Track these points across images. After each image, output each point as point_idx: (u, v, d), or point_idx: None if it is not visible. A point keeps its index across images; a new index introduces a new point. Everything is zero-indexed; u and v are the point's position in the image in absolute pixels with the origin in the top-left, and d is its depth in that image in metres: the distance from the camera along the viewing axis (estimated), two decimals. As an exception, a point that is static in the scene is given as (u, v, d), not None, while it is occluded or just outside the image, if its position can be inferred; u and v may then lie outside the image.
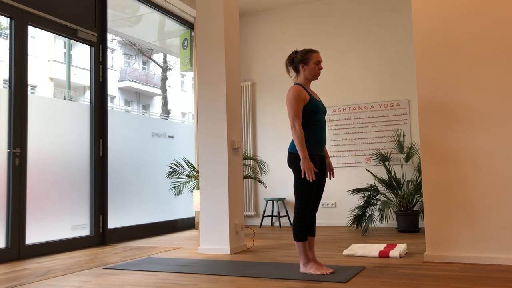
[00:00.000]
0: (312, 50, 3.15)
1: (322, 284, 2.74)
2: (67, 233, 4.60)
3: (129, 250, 4.43)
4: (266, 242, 4.80)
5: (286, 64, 3.24)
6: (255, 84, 6.93)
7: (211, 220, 4.18)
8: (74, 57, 14.26)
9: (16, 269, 3.54)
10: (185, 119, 17.69)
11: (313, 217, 3.18)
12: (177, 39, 7.07)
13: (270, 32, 6.89)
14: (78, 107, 5.08)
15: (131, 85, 18.05)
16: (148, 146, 5.90)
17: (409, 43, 5.99)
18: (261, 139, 6.82)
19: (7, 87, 4.14)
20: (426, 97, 3.54)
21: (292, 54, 3.21)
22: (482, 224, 3.31)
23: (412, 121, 5.91)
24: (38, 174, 4.35)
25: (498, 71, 3.35)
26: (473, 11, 3.44)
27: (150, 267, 3.45)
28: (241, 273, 3.12)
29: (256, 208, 6.77)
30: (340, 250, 4.04)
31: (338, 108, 6.32)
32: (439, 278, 2.81)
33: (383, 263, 3.37)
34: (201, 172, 4.27)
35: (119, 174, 5.34)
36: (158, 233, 5.85)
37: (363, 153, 6.13)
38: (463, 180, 3.38)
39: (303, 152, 2.93)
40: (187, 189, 5.51)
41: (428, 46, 3.56)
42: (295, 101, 3.00)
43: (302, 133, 2.97)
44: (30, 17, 4.34)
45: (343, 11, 6.41)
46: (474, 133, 3.38)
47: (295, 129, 2.98)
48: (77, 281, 3.05)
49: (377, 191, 5.35)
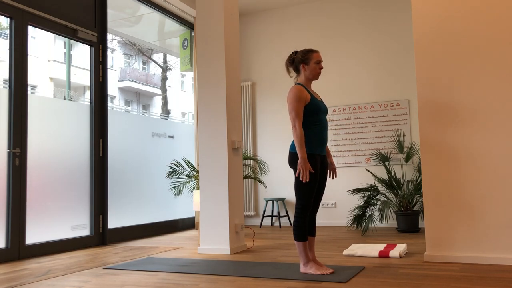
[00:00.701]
0: (312, 50, 3.15)
1: (322, 284, 2.74)
2: (67, 233, 4.60)
3: (129, 250, 4.43)
4: (266, 242, 4.80)
5: (286, 64, 3.24)
6: (255, 84, 6.93)
7: (211, 220, 4.18)
8: (74, 57, 14.27)
9: (16, 269, 3.54)
10: (185, 119, 17.70)
11: (313, 217, 3.18)
12: (177, 39, 7.07)
13: (270, 32, 6.89)
14: (78, 107, 5.09)
15: (131, 85, 18.05)
16: (148, 146, 5.90)
17: (409, 43, 5.99)
18: (261, 139, 6.82)
19: (7, 87, 4.14)
20: (426, 97, 3.54)
21: (292, 54, 3.21)
22: (482, 224, 3.31)
23: (412, 121, 5.91)
24: (38, 174, 4.35)
25: (498, 70, 3.35)
26: (472, 11, 3.44)
27: (150, 267, 3.45)
28: (241, 273, 3.12)
29: (256, 208, 6.77)
30: (340, 250, 4.04)
31: (338, 108, 6.32)
32: (439, 278, 2.81)
33: (383, 263, 3.37)
34: (201, 172, 4.27)
35: (119, 174, 5.34)
36: (158, 233, 5.85)
37: (363, 153, 6.14)
38: (463, 180, 3.38)
39: (301, 153, 2.93)
40: (187, 189, 5.51)
41: (428, 46, 3.56)
42: (296, 101, 3.01)
43: (302, 133, 2.97)
44: (30, 17, 4.34)
45: (343, 11, 6.41)
46: (474, 133, 3.38)
47: (295, 129, 2.98)
48: (77, 281, 3.05)
49: (377, 191, 5.35)
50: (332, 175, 3.29)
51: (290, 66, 3.23)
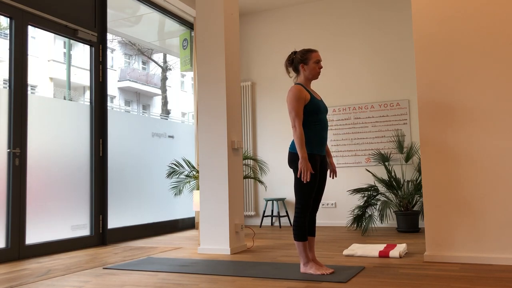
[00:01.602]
0: (311, 49, 3.15)
1: (322, 284, 2.74)
2: (67, 233, 4.60)
3: (129, 250, 4.43)
4: (266, 242, 4.80)
5: (285, 65, 3.24)
6: (255, 84, 6.93)
7: (211, 220, 4.18)
8: (74, 57, 14.27)
9: (16, 269, 3.54)
10: (185, 119, 17.69)
11: (313, 217, 3.18)
12: (177, 39, 7.07)
13: (270, 32, 6.89)
14: (78, 107, 5.09)
15: (131, 85, 18.05)
16: (148, 146, 5.90)
17: (409, 43, 5.99)
18: (261, 139, 6.82)
19: (7, 87, 4.14)
20: (426, 97, 3.54)
21: (291, 54, 3.21)
22: (482, 224, 3.31)
23: (412, 121, 5.91)
24: (38, 174, 4.35)
25: (498, 71, 3.35)
26: (473, 11, 3.44)
27: (150, 267, 3.45)
28: (241, 273, 3.12)
29: (256, 208, 6.77)
30: (340, 250, 4.04)
31: (338, 108, 6.32)
32: (439, 278, 2.81)
33: (383, 263, 3.37)
34: (201, 172, 4.27)
35: (119, 174, 5.34)
36: (158, 233, 5.85)
37: (363, 153, 6.14)
38: (463, 180, 3.38)
39: (302, 152, 2.93)
40: (187, 189, 5.51)
41: (428, 46, 3.56)
42: (296, 101, 3.01)
43: (302, 133, 2.97)
44: (30, 17, 4.34)
45: (343, 11, 6.41)
46: (474, 133, 3.38)
47: (295, 129, 2.98)
48: (77, 281, 3.05)
49: (377, 191, 5.35)
50: (332, 175, 3.29)
51: (289, 66, 3.23)
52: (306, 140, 3.03)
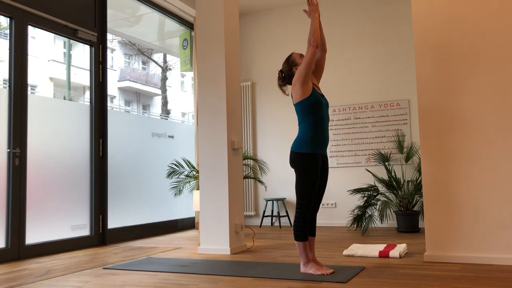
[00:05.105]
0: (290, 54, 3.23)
1: (322, 284, 2.74)
2: (67, 233, 4.60)
3: (129, 250, 4.43)
4: (266, 242, 4.80)
5: (279, 85, 3.30)
6: (255, 84, 6.93)
7: (211, 220, 4.18)
8: (74, 57, 14.27)
9: (16, 269, 3.54)
10: (185, 119, 17.69)
11: (314, 217, 3.18)
12: (177, 39, 7.07)
13: (270, 32, 6.89)
14: (78, 107, 5.09)
15: (131, 85, 18.05)
16: (148, 146, 5.90)
17: (409, 44, 5.98)
18: (261, 139, 6.82)
19: (7, 87, 4.14)
20: (426, 97, 3.54)
21: (279, 73, 3.28)
22: (482, 224, 3.31)
23: (412, 121, 5.91)
24: (38, 174, 4.35)
25: (498, 71, 3.35)
26: (473, 12, 3.44)
27: (150, 267, 3.45)
28: (241, 273, 3.12)
29: (256, 208, 6.77)
30: (340, 250, 4.04)
31: (338, 108, 6.32)
32: (439, 278, 2.81)
33: (383, 263, 3.36)
34: (201, 172, 4.27)
35: (119, 174, 5.34)
36: (158, 233, 5.85)
37: (363, 153, 6.13)
38: (463, 180, 3.38)
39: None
40: (187, 189, 5.51)
41: (428, 46, 3.56)
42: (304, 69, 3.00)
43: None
44: (30, 17, 4.34)
45: (344, 11, 6.41)
46: (474, 133, 3.38)
47: (310, 43, 2.95)
48: (77, 281, 3.05)
49: (377, 191, 5.35)
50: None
51: (283, 83, 3.28)
52: (307, 140, 3.04)
